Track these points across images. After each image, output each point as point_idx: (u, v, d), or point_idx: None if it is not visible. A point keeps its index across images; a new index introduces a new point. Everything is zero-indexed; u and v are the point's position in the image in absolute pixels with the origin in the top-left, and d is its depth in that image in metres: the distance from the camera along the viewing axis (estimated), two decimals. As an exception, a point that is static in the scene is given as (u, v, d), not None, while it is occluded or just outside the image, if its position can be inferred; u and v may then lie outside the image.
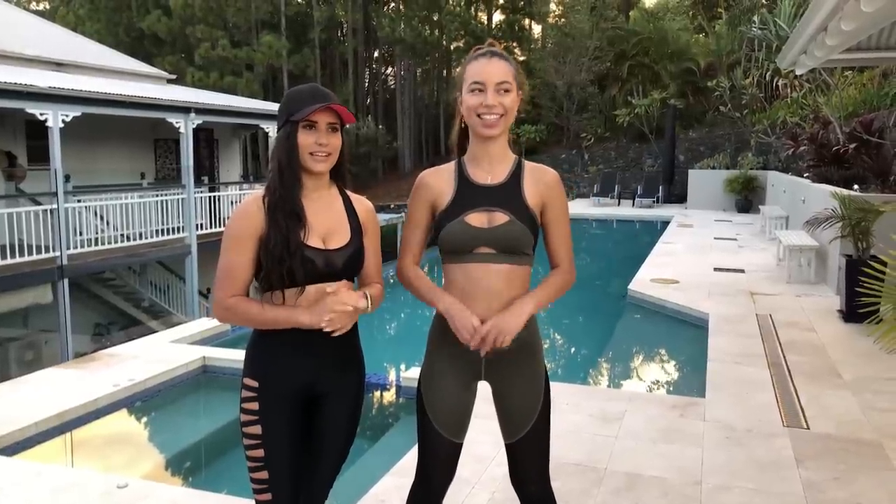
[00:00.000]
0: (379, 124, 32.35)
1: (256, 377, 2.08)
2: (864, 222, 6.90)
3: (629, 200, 21.81)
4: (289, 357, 2.08)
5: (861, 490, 3.51)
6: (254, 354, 2.12)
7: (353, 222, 2.17)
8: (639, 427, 4.34)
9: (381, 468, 3.74)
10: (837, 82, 14.79)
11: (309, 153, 2.05)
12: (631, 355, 7.42)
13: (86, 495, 3.50)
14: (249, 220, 2.05)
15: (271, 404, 2.07)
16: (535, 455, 2.21)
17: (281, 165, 2.06)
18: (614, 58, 27.49)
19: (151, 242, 12.99)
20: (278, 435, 2.07)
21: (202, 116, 14.01)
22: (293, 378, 2.09)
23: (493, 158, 2.14)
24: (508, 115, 2.09)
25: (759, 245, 12.56)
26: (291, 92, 2.12)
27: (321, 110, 2.05)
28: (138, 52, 29.11)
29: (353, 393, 2.20)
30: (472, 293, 2.08)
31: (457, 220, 2.08)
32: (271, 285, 2.03)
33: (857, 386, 5.04)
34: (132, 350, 6.14)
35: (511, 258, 2.08)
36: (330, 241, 2.09)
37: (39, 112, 10.92)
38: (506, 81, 2.07)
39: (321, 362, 2.11)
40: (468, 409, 2.22)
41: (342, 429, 2.18)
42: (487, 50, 2.12)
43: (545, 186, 2.15)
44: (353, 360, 2.22)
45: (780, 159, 19.31)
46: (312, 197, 2.11)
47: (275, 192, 2.05)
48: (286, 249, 2.00)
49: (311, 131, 2.05)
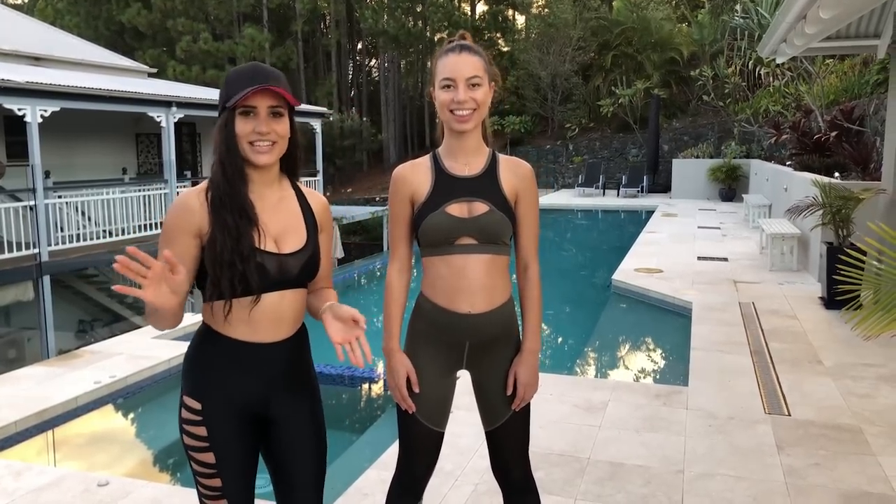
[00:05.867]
0: (363, 116, 32.22)
1: (198, 397, 1.84)
2: (845, 210, 6.96)
3: (614, 191, 21.89)
4: (235, 372, 1.84)
5: (841, 476, 3.54)
6: (193, 368, 1.87)
7: (309, 221, 1.93)
8: (622, 416, 4.35)
9: (365, 461, 3.74)
10: (819, 71, 14.88)
11: (248, 143, 1.79)
12: (615, 345, 7.45)
13: (66, 494, 3.46)
14: (187, 213, 1.80)
15: (220, 427, 1.84)
16: (515, 442, 2.23)
17: (221, 157, 1.80)
18: (598, 48, 27.48)
19: (134, 238, 12.88)
20: (234, 461, 1.86)
21: (183, 110, 13.88)
22: (240, 397, 1.86)
23: (468, 151, 2.14)
24: (481, 109, 2.08)
25: (742, 234, 12.64)
26: (230, 73, 1.84)
27: (259, 93, 1.77)
28: (118, 45, 28.81)
29: (312, 408, 1.99)
30: (456, 285, 2.08)
31: (437, 211, 2.07)
32: (220, 294, 1.78)
33: (838, 372, 5.09)
34: (115, 347, 6.09)
35: (491, 248, 2.09)
36: (284, 243, 1.85)
37: (17, 107, 10.77)
38: (476, 76, 2.05)
39: (270, 381, 1.88)
40: (448, 397, 2.23)
41: (310, 455, 1.95)
42: (457, 44, 2.11)
43: (520, 178, 2.16)
44: (308, 377, 2.00)
45: (763, 148, 19.42)
46: (261, 193, 1.86)
47: (218, 186, 1.80)
48: (237, 253, 1.75)
49: (249, 118, 1.79)
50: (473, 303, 2.09)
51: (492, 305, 2.11)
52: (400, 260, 2.20)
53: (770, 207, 13.15)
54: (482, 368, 2.19)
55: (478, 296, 2.08)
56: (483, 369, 2.19)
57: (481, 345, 2.15)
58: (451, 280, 2.09)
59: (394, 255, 2.21)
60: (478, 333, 2.12)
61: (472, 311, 2.09)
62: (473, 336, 2.13)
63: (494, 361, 2.17)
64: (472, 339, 2.13)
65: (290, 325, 1.89)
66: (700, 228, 13.47)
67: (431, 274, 2.13)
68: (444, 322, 2.12)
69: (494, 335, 2.14)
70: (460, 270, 2.08)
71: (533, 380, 2.17)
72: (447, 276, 2.09)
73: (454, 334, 2.13)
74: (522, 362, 2.17)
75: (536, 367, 2.19)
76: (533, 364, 2.18)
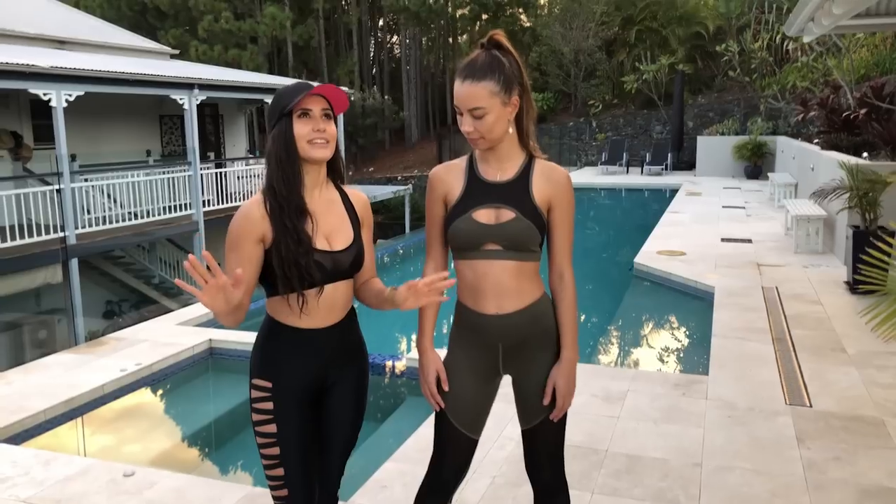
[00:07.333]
0: (385, 95, 32.09)
1: (269, 378, 2.09)
2: (872, 193, 6.84)
3: (637, 168, 21.68)
4: (299, 356, 2.09)
5: (861, 470, 3.52)
6: (264, 355, 2.12)
7: (354, 219, 2.16)
8: (641, 407, 4.35)
9: (384, 453, 3.78)
10: (849, 45, 14.53)
11: (307, 141, 2.01)
12: (636, 331, 7.43)
13: (93, 484, 3.55)
14: (249, 222, 2.01)
15: (285, 403, 2.08)
16: (549, 443, 2.24)
17: (280, 160, 2.01)
18: (622, 23, 27.08)
19: (159, 220, 13.04)
20: (292, 432, 2.09)
21: (206, 92, 13.95)
22: (305, 376, 2.11)
23: (501, 157, 2.14)
24: (490, 134, 2.05)
25: (767, 213, 12.48)
26: (281, 89, 2.08)
27: (314, 96, 2.01)
28: (141, 26, 28.91)
29: (358, 381, 2.23)
30: (481, 289, 2.11)
31: (464, 216, 2.09)
32: (292, 288, 2.02)
33: (861, 361, 5.03)
34: (139, 333, 6.19)
35: (518, 254, 2.09)
36: (334, 241, 2.08)
37: (43, 92, 10.91)
38: (478, 108, 2.01)
39: (329, 356, 2.13)
40: (484, 404, 2.24)
41: (349, 418, 2.20)
42: (465, 69, 2.05)
43: (553, 185, 2.13)
44: (357, 350, 2.24)
45: (790, 124, 19.08)
46: (312, 196, 2.08)
47: (277, 191, 2.01)
48: (300, 252, 1.99)
49: (306, 119, 2.01)
50: (501, 304, 2.10)
51: (520, 305, 2.11)
52: (435, 259, 2.23)
53: (796, 186, 12.94)
54: (519, 370, 2.20)
55: (504, 298, 2.10)
56: (520, 370, 2.20)
57: (515, 346, 2.15)
58: (477, 283, 2.11)
59: (429, 254, 2.23)
60: (509, 335, 2.13)
61: (499, 312, 2.11)
62: (505, 338, 2.14)
63: (530, 362, 2.18)
64: (504, 340, 2.14)
65: (342, 310, 2.14)
66: (724, 208, 13.31)
67: (460, 277, 2.15)
68: (474, 324, 2.14)
69: (527, 335, 2.14)
70: (485, 275, 2.09)
71: (572, 388, 2.18)
72: (473, 280, 2.12)
73: (486, 336, 2.14)
74: (561, 372, 2.16)
75: (574, 375, 2.19)
76: (571, 373, 2.17)
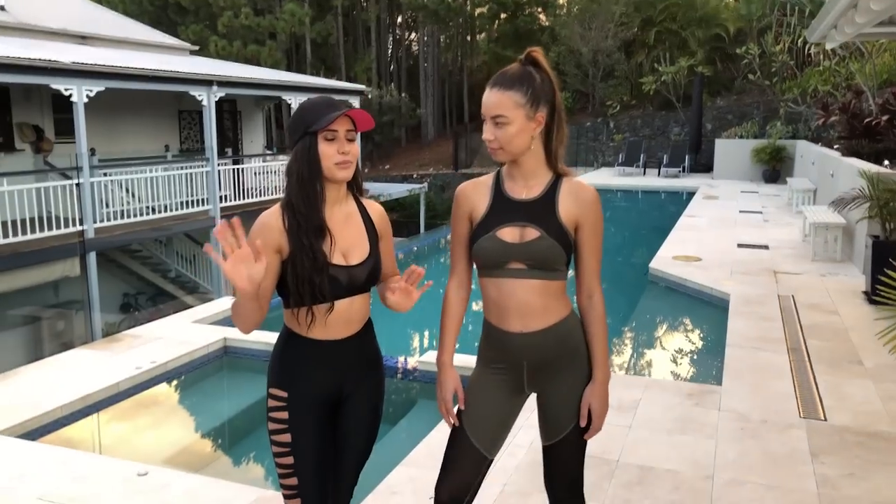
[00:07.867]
0: (402, 92, 32.11)
1: (285, 387, 2.11)
2: (893, 203, 6.76)
3: (655, 170, 21.55)
4: (316, 367, 2.11)
5: (875, 486, 3.48)
6: (281, 365, 2.14)
7: (371, 233, 2.17)
8: (654, 417, 4.33)
9: (395, 458, 3.79)
10: (872, 49, 14.37)
11: (335, 163, 2.02)
12: (650, 338, 7.39)
13: (107, 483, 3.59)
14: (268, 232, 2.03)
15: (300, 413, 2.10)
16: (568, 461, 2.23)
17: (302, 178, 2.02)
18: (641, 23, 26.95)
19: (177, 215, 13.12)
20: (307, 443, 2.10)
21: (224, 89, 14.02)
22: (321, 387, 2.13)
23: (526, 174, 2.11)
24: (510, 146, 2.04)
25: (785, 219, 12.37)
26: (305, 103, 2.08)
27: (340, 118, 2.01)
28: (162, 21, 29.10)
29: (374, 393, 2.24)
30: (506, 307, 2.09)
31: (489, 234, 2.08)
32: (303, 302, 2.05)
33: (879, 374, 4.98)
34: (155, 331, 6.24)
35: (543, 273, 2.07)
36: (351, 256, 2.10)
37: (64, 87, 11.01)
38: (501, 116, 2.01)
39: (345, 368, 2.15)
40: (504, 421, 2.22)
41: (364, 430, 2.22)
42: (496, 78, 2.06)
43: (580, 204, 2.09)
44: (374, 361, 2.26)
45: (811, 129, 18.90)
46: (332, 211, 2.10)
47: (296, 208, 2.02)
48: (314, 270, 2.01)
49: (332, 142, 2.02)
50: (525, 323, 2.08)
51: (546, 324, 2.09)
52: (458, 275, 2.23)
53: (815, 192, 12.83)
54: (544, 387, 2.17)
55: (529, 317, 2.08)
56: (545, 388, 2.17)
57: (540, 364, 2.13)
58: (502, 301, 2.10)
59: (453, 270, 2.23)
60: (533, 353, 2.11)
61: (524, 330, 2.09)
62: (530, 356, 2.11)
63: (556, 380, 2.15)
64: (529, 358, 2.12)
65: (359, 323, 2.16)
66: (742, 213, 13.21)
67: (485, 294, 2.15)
68: (499, 341, 2.13)
69: (552, 354, 2.11)
70: (510, 294, 2.08)
71: (605, 408, 2.17)
72: (497, 298, 2.11)
73: (510, 354, 2.13)
74: (595, 394, 2.14)
75: (607, 395, 2.18)
76: (604, 393, 2.16)
